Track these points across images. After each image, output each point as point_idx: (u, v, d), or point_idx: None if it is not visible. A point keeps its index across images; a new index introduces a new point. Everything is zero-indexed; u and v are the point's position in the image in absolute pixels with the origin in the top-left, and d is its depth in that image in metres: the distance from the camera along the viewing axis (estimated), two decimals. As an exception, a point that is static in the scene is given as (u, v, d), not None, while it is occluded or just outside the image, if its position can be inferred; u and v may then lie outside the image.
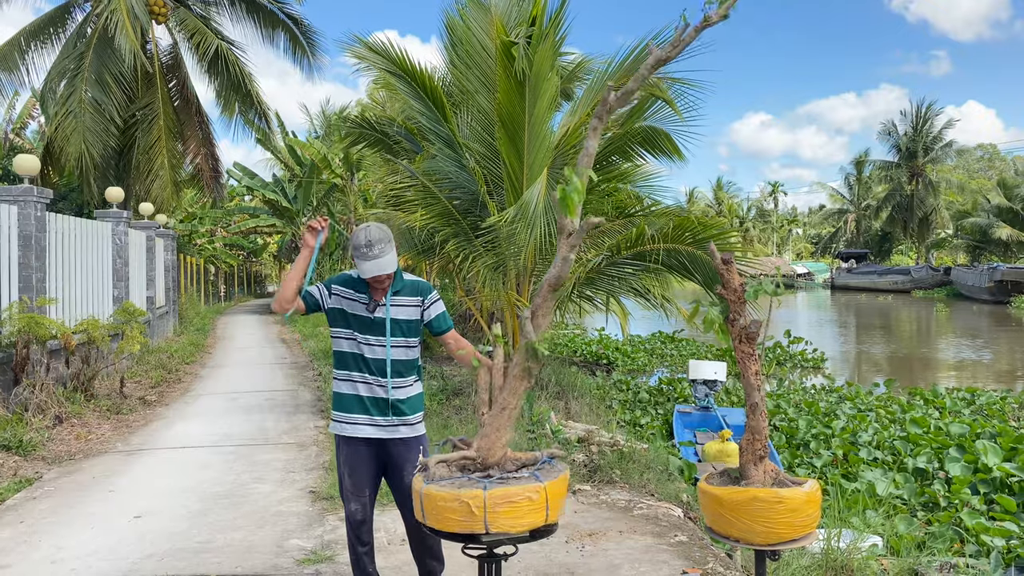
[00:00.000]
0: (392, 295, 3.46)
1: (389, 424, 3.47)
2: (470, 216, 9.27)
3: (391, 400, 3.45)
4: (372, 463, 3.50)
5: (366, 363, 3.44)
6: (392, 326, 3.45)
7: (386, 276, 3.38)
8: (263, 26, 19.32)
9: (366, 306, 3.44)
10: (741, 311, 3.13)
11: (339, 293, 3.49)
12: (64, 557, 4.50)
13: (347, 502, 3.50)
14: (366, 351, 3.44)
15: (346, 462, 3.49)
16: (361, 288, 3.48)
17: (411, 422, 3.51)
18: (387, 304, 3.45)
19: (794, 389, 12.39)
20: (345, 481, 3.50)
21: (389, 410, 3.46)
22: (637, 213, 10.43)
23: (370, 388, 3.45)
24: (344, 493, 3.52)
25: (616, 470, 6.07)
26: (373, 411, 3.45)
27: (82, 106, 16.33)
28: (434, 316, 3.53)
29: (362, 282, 3.48)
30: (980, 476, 6.51)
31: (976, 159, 69.97)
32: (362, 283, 3.48)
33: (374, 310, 3.43)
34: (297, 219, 30.80)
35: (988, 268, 39.96)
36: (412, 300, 3.49)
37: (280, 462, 6.74)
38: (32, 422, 7.50)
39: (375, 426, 3.46)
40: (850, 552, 4.33)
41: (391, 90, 11.09)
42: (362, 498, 3.50)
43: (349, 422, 3.47)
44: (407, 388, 3.51)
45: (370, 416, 3.45)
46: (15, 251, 8.69)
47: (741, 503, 2.92)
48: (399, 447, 3.48)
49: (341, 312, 3.47)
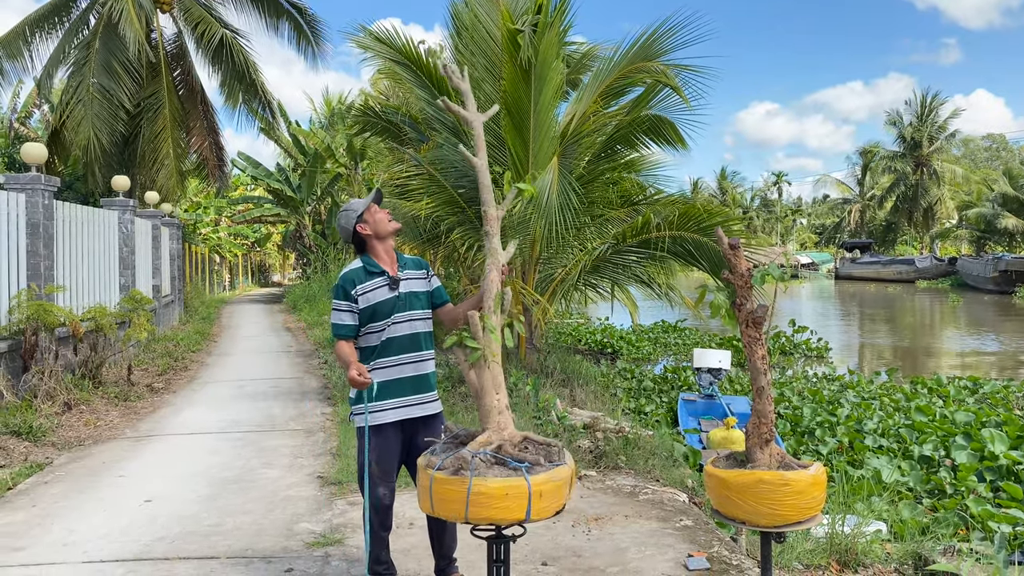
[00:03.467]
0: (402, 269, 3.58)
1: (425, 401, 3.52)
2: (475, 205, 9.28)
3: (428, 374, 3.54)
4: (399, 447, 3.54)
5: (407, 341, 3.49)
6: (412, 299, 3.53)
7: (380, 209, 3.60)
8: (267, 15, 19.28)
9: (388, 286, 3.50)
10: (748, 296, 3.16)
11: (362, 292, 3.49)
12: (76, 540, 4.56)
13: (374, 487, 3.48)
14: (402, 329, 3.49)
15: (375, 449, 3.47)
16: (376, 271, 3.53)
17: (436, 397, 3.62)
18: (403, 278, 3.55)
19: (796, 377, 12.41)
20: (372, 468, 3.48)
21: (426, 385, 3.53)
22: (642, 202, 10.45)
23: (416, 367, 3.51)
24: (370, 479, 3.48)
25: (621, 456, 6.11)
26: (410, 390, 3.50)
27: (90, 94, 16.35)
28: (436, 287, 3.66)
29: (372, 264, 3.55)
30: (987, 464, 6.53)
31: (983, 149, 69.68)
32: (373, 265, 3.54)
33: (397, 286, 3.51)
34: (301, 208, 30.83)
35: (993, 258, 39.85)
36: (418, 273, 3.62)
37: (288, 448, 6.79)
38: (41, 408, 7.57)
39: (408, 406, 3.50)
40: (854, 536, 4.37)
41: (395, 79, 11.09)
42: (390, 483, 3.54)
43: (381, 409, 3.47)
44: (432, 361, 3.60)
45: (406, 397, 3.50)
46: (23, 239, 8.73)
47: (747, 485, 2.95)
48: (429, 423, 3.52)
49: (371, 308, 3.49)
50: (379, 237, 3.57)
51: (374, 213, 3.58)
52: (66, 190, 19.10)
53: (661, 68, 8.82)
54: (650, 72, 8.99)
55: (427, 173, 9.27)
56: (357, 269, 3.54)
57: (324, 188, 29.95)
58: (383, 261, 3.56)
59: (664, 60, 8.92)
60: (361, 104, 13.47)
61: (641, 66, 9.02)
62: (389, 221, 3.60)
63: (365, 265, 3.54)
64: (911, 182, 56.10)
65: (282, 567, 4.13)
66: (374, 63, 10.25)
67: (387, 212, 3.64)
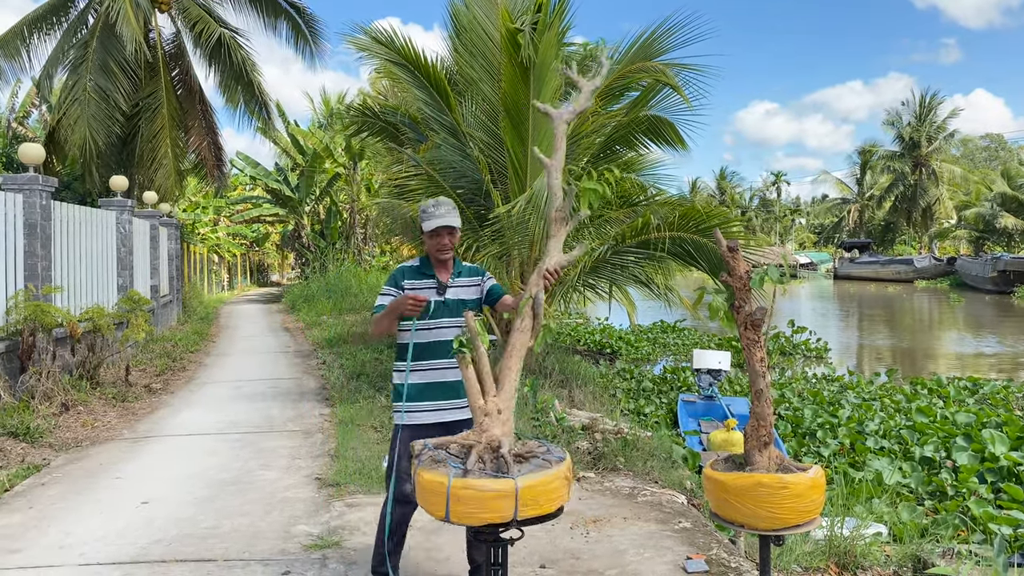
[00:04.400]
0: (455, 277, 3.62)
1: (463, 405, 3.49)
2: (474, 205, 9.28)
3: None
4: None
5: (451, 346, 3.42)
6: (459, 306, 3.56)
7: (448, 236, 3.55)
8: (265, 14, 19.24)
9: (435, 289, 3.56)
10: (747, 298, 3.15)
11: (409, 287, 3.57)
12: (73, 542, 4.54)
13: (401, 483, 3.50)
14: (447, 335, 3.47)
15: (406, 446, 3.46)
16: (428, 273, 3.60)
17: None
18: (452, 285, 3.58)
19: (796, 378, 12.40)
20: (403, 463, 3.49)
21: (458, 389, 3.50)
22: (641, 202, 10.43)
23: (459, 371, 3.47)
24: (399, 475, 3.51)
25: (620, 458, 6.10)
26: (452, 394, 3.53)
27: (87, 94, 16.31)
28: (491, 286, 3.68)
29: (427, 266, 3.61)
30: (987, 465, 6.53)
31: (981, 149, 69.70)
32: (427, 267, 3.61)
33: (444, 292, 3.56)
34: (300, 208, 30.80)
35: (992, 258, 39.85)
36: (472, 280, 3.67)
37: (286, 449, 6.77)
38: (39, 409, 7.55)
39: (447, 410, 3.54)
40: (853, 539, 4.36)
41: (394, 79, 11.07)
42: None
43: (421, 410, 3.52)
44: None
45: (447, 400, 3.53)
46: (21, 239, 8.71)
47: (746, 488, 2.94)
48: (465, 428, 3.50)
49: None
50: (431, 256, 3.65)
51: (432, 237, 3.57)
52: (64, 190, 19.07)
53: (660, 68, 8.80)
54: (649, 72, 8.97)
55: (426, 174, 9.25)
56: (413, 266, 3.68)
57: (322, 188, 29.91)
58: (437, 268, 3.63)
59: (663, 60, 8.90)
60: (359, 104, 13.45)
61: (641, 66, 9.00)
62: (438, 250, 3.57)
63: (420, 266, 3.66)
64: (910, 182, 56.10)
65: (279, 570, 4.12)
66: (372, 63, 10.22)
67: (444, 241, 3.57)
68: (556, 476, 2.79)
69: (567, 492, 2.83)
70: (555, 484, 2.78)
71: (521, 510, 2.69)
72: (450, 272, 3.63)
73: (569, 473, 2.86)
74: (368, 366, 10.79)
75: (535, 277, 3.15)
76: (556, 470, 2.80)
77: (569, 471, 2.86)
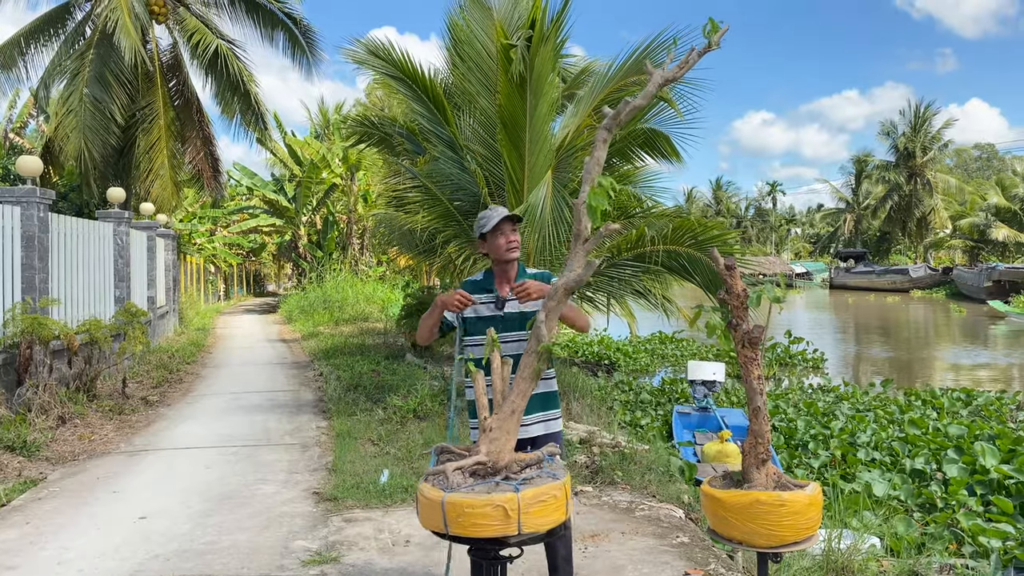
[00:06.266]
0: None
1: (529, 422, 3.40)
2: (471, 218, 9.29)
3: (536, 394, 3.36)
4: None
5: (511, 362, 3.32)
6: (521, 319, 3.43)
7: (512, 230, 3.40)
8: (262, 26, 19.31)
9: (494, 303, 3.45)
10: (743, 316, 3.17)
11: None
12: (70, 558, 4.54)
13: None
14: (508, 349, 3.33)
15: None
16: (488, 287, 3.50)
17: (545, 418, 3.51)
18: (511, 298, 3.44)
19: (791, 389, 12.43)
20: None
21: (534, 405, 3.39)
22: (638, 215, 10.47)
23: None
24: None
25: (618, 471, 6.11)
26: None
27: (82, 104, 16.34)
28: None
29: (489, 280, 3.50)
30: (978, 477, 6.55)
31: (973, 159, 70.01)
32: (489, 281, 3.50)
33: (502, 306, 3.44)
34: (296, 218, 30.82)
35: (986, 268, 40.03)
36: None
37: (284, 463, 6.77)
38: (36, 423, 7.54)
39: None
40: (850, 553, 4.37)
41: (391, 91, 11.11)
42: None
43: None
44: (547, 380, 3.49)
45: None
46: (18, 252, 8.71)
47: (743, 506, 2.95)
48: (540, 443, 3.42)
49: (473, 319, 3.47)
50: (495, 261, 3.51)
51: (496, 236, 3.44)
52: (61, 201, 19.09)
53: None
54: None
55: (423, 186, 9.28)
56: (475, 280, 3.56)
57: (320, 198, 29.95)
58: (499, 280, 3.50)
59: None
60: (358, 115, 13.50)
61: (637, 79, 9.05)
62: (507, 248, 3.43)
63: (482, 280, 3.54)
64: (905, 192, 56.33)
65: (278, 586, 4.12)
66: (369, 74, 10.26)
67: (510, 236, 3.44)
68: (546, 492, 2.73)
69: (560, 511, 2.76)
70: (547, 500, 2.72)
71: (501, 527, 2.67)
72: (511, 282, 3.46)
73: (558, 492, 2.77)
74: (365, 378, 10.79)
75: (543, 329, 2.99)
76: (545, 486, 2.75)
77: (559, 490, 2.77)
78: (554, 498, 2.75)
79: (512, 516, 2.66)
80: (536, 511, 2.70)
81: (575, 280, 2.91)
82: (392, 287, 24.51)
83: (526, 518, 2.68)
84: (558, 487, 2.77)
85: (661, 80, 3.03)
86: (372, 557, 4.46)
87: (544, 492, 2.72)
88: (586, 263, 2.89)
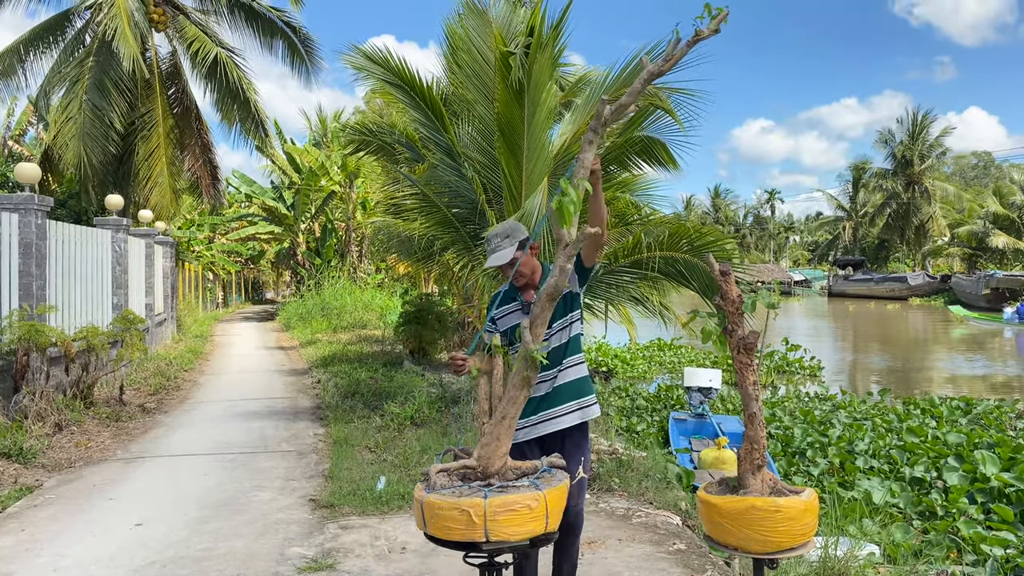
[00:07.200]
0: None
1: (553, 416, 3.40)
2: (469, 224, 9.31)
3: (560, 386, 3.41)
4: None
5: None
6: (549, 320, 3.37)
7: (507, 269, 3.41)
8: (261, 34, 19.38)
9: (520, 310, 3.43)
10: (739, 322, 3.18)
11: (499, 316, 3.50)
12: (66, 565, 4.53)
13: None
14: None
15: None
16: (514, 295, 3.49)
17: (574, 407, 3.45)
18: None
19: (787, 397, 12.42)
20: None
21: (558, 399, 3.41)
22: (635, 222, 10.47)
23: (549, 384, 3.40)
24: None
25: (615, 478, 6.10)
26: (542, 407, 3.40)
27: (81, 111, 16.37)
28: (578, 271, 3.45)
29: (514, 289, 3.49)
30: (978, 486, 6.54)
31: (971, 167, 70.15)
32: (514, 290, 3.49)
33: (527, 310, 3.38)
34: (295, 226, 30.84)
35: (984, 276, 40.09)
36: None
37: (280, 470, 6.76)
38: (32, 430, 7.52)
39: (534, 425, 3.41)
40: (847, 560, 4.37)
41: (389, 99, 11.13)
42: None
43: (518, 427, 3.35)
44: (575, 367, 3.46)
45: (536, 415, 3.40)
46: (16, 259, 8.71)
47: (739, 512, 2.95)
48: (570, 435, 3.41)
49: (506, 330, 3.47)
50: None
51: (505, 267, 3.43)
52: (60, 208, 19.09)
53: (654, 91, 8.87)
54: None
55: (422, 193, 9.29)
56: (504, 290, 3.54)
57: (318, 206, 29.97)
58: (523, 289, 3.49)
59: (657, 83, 8.97)
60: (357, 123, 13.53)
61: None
62: (513, 278, 3.44)
63: (510, 289, 3.53)
64: (903, 200, 56.43)
65: (273, 593, 4.11)
66: (368, 82, 10.28)
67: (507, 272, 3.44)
68: (517, 500, 2.70)
69: (536, 523, 2.71)
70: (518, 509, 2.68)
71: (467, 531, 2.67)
72: (533, 288, 3.46)
73: (534, 503, 2.71)
74: (363, 385, 10.78)
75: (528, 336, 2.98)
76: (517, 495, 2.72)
77: (536, 500, 2.72)
78: (528, 508, 2.70)
79: (477, 522, 2.64)
80: (505, 519, 2.66)
81: (553, 287, 2.93)
82: (390, 294, 24.49)
83: (493, 525, 2.65)
84: (534, 498, 2.72)
85: (647, 76, 3.05)
86: (368, 564, 4.45)
87: (515, 501, 2.68)
88: (560, 269, 2.90)
